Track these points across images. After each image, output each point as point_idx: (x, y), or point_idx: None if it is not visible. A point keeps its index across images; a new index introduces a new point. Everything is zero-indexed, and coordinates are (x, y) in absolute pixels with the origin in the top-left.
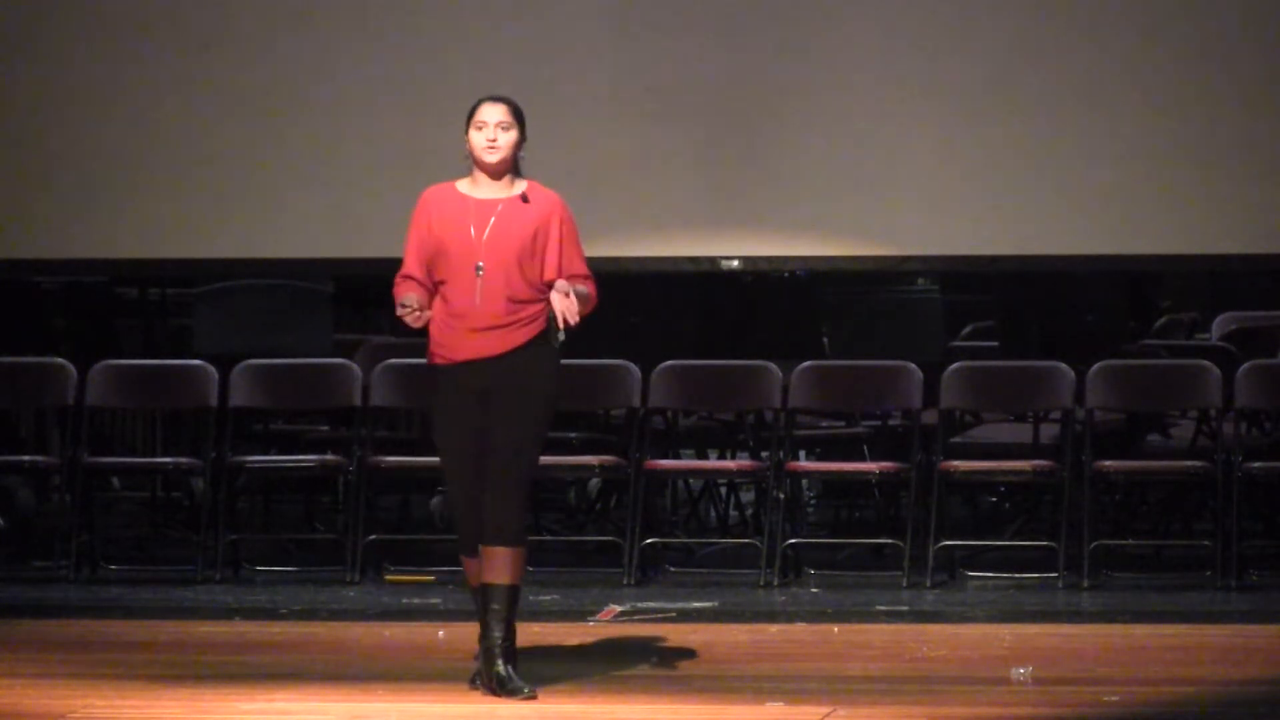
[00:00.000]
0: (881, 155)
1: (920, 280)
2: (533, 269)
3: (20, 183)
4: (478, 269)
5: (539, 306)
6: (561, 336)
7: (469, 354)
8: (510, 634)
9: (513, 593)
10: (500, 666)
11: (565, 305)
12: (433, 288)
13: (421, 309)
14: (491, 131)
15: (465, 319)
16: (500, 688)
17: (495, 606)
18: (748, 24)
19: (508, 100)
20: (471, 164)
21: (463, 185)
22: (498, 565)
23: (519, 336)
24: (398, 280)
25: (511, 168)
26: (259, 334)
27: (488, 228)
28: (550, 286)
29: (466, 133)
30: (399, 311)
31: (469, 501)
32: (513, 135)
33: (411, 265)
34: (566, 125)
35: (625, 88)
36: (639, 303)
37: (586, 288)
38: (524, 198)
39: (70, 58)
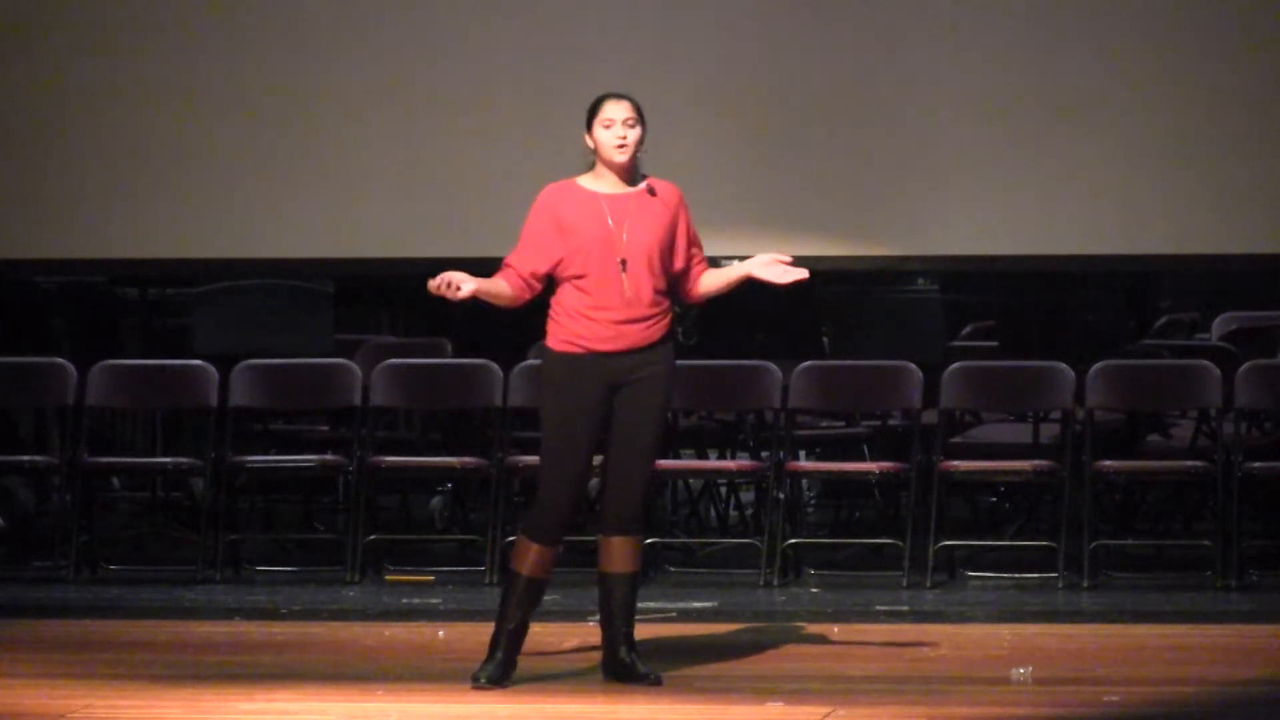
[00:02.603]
0: (882, 156)
1: (920, 280)
2: (668, 263)
3: (20, 183)
4: (621, 264)
5: (669, 301)
6: (680, 333)
7: (614, 345)
8: (632, 622)
9: (635, 581)
10: (625, 654)
11: (778, 271)
12: (533, 283)
13: (450, 284)
14: (621, 130)
15: (611, 311)
16: (627, 675)
17: (619, 595)
18: (747, 24)
19: (630, 96)
20: (594, 161)
21: (586, 181)
22: (623, 555)
23: (658, 331)
24: (502, 267)
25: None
26: (259, 334)
27: (626, 223)
28: (680, 277)
29: (589, 130)
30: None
31: (560, 495)
32: (638, 132)
33: (518, 258)
34: (566, 125)
35: (622, 88)
36: None
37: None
38: (650, 191)
39: (70, 58)
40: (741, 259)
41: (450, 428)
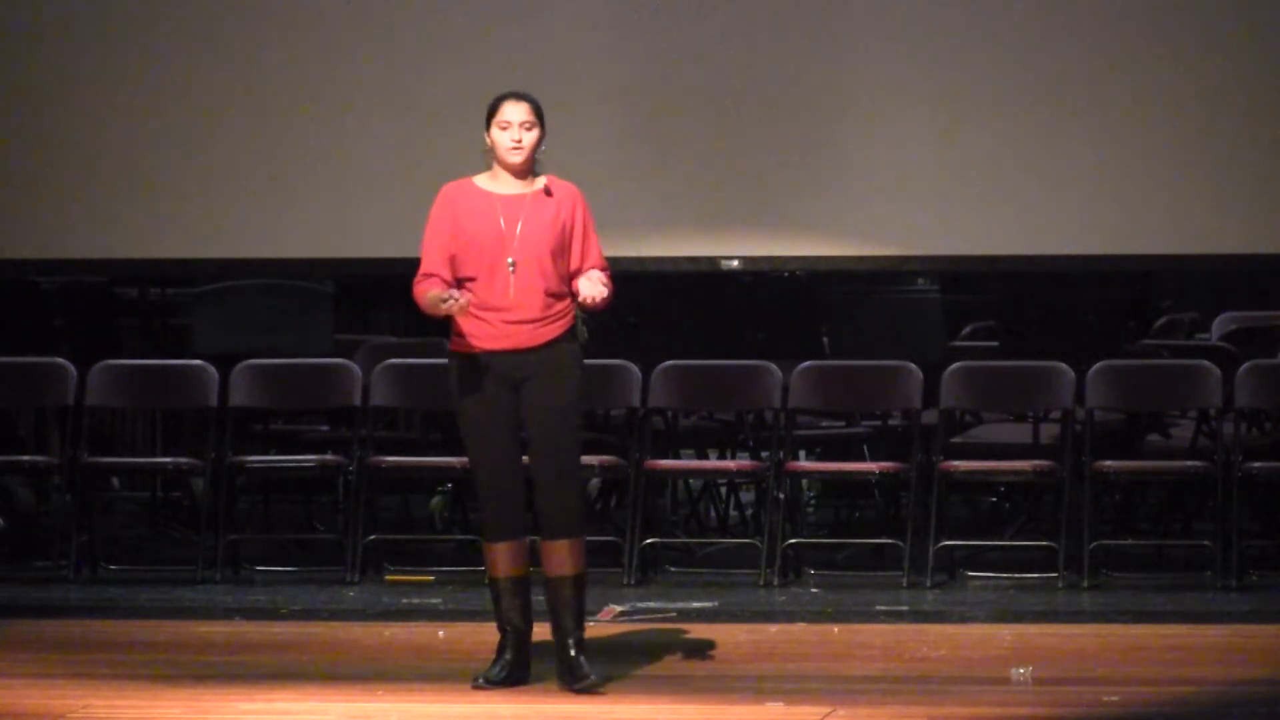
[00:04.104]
0: (882, 155)
1: (920, 280)
2: (563, 262)
3: (20, 183)
4: (510, 264)
5: (569, 301)
6: (585, 334)
7: (503, 344)
8: (581, 624)
9: (579, 582)
10: (573, 655)
11: (592, 290)
12: (455, 283)
13: (460, 296)
14: (516, 132)
15: (501, 312)
16: (572, 678)
17: (564, 597)
18: (747, 25)
19: (529, 98)
20: (491, 159)
21: (482, 181)
22: (561, 558)
23: (552, 331)
24: (419, 279)
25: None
26: (259, 334)
27: (519, 223)
28: (575, 278)
29: (487, 129)
30: (441, 308)
31: (499, 489)
32: (535, 134)
33: (433, 263)
34: (565, 125)
35: (624, 88)
36: (639, 303)
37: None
38: (547, 191)
39: (71, 59)
40: (742, 259)
41: (450, 428)
